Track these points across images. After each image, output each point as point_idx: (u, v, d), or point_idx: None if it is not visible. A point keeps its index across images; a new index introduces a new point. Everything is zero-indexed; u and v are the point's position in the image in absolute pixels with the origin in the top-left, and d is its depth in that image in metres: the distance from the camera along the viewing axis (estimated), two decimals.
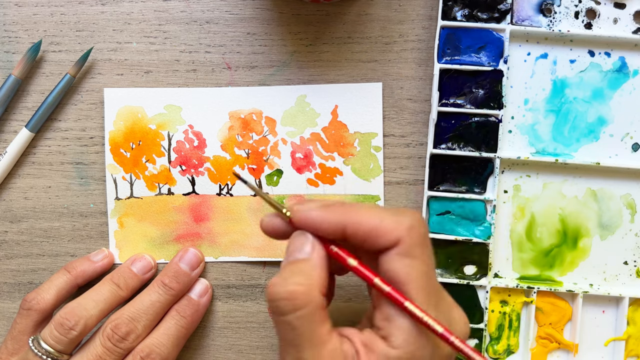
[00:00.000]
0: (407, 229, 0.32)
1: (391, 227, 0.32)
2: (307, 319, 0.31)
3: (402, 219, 0.32)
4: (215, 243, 0.45)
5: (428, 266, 0.32)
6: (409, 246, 0.32)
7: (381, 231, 0.32)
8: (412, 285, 0.32)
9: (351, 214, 0.33)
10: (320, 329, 0.31)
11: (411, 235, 0.32)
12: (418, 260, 0.32)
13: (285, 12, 0.44)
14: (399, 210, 0.33)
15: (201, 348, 0.45)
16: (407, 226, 0.32)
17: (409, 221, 0.32)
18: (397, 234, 0.32)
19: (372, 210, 0.33)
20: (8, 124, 0.45)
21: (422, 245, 0.32)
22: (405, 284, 0.32)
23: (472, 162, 0.43)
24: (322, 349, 0.31)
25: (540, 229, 0.43)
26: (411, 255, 0.32)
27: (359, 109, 0.44)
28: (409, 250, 0.32)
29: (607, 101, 0.43)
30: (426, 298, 0.32)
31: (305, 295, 0.31)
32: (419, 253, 0.32)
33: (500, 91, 0.42)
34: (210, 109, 0.44)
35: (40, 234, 0.45)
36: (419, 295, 0.32)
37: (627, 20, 0.42)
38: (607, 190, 0.43)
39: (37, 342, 0.39)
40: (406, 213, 0.33)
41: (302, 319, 0.31)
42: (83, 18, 0.44)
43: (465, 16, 0.42)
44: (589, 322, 0.44)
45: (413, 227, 0.32)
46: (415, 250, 0.32)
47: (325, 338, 0.31)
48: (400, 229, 0.32)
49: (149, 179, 0.44)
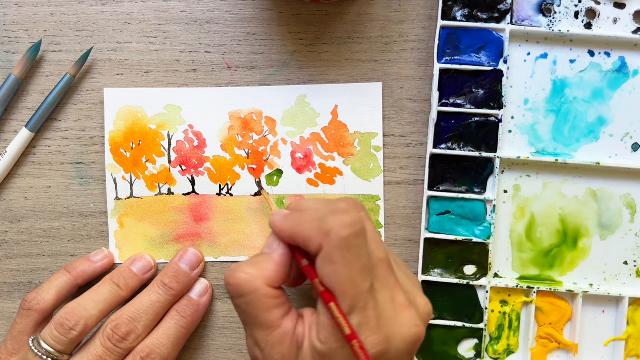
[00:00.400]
0: (325, 234, 0.32)
1: (314, 234, 0.33)
2: (252, 305, 0.34)
3: (323, 223, 0.32)
4: (215, 243, 0.45)
5: (352, 270, 0.32)
6: (327, 252, 0.32)
7: (308, 239, 0.33)
8: (336, 290, 0.32)
9: (298, 223, 0.34)
10: (268, 315, 0.34)
11: (329, 241, 0.32)
12: (338, 265, 0.32)
13: (285, 12, 0.44)
14: (333, 210, 0.33)
15: (201, 348, 0.45)
16: (325, 231, 0.32)
17: (330, 225, 0.32)
18: (318, 241, 0.32)
19: (310, 217, 0.34)
20: (8, 124, 0.45)
21: (343, 249, 0.32)
22: (331, 289, 0.32)
23: (472, 162, 0.43)
24: (272, 332, 0.34)
25: (540, 229, 0.44)
26: (331, 261, 0.32)
27: (359, 109, 0.44)
28: (329, 256, 0.32)
29: (607, 101, 0.43)
30: (351, 302, 0.32)
31: (248, 284, 0.34)
32: (338, 257, 0.32)
33: (500, 91, 0.42)
34: (210, 109, 0.44)
35: (40, 234, 0.45)
36: (343, 300, 0.32)
37: (627, 20, 0.42)
38: (607, 190, 0.43)
39: (37, 342, 0.39)
40: (332, 215, 0.33)
41: (248, 304, 0.34)
42: (83, 18, 0.44)
43: (465, 16, 0.42)
44: (589, 322, 0.44)
45: (331, 232, 0.32)
46: (335, 255, 0.32)
47: (275, 323, 0.34)
48: (321, 235, 0.32)
49: (149, 179, 0.44)
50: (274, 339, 0.34)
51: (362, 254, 0.32)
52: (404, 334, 0.33)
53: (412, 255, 0.44)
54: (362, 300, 0.32)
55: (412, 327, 0.33)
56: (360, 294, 0.32)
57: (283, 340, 0.34)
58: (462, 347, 0.43)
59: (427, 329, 0.43)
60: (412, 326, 0.33)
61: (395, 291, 0.34)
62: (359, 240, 0.32)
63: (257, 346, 0.34)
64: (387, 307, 0.33)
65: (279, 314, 0.34)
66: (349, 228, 0.32)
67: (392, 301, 0.34)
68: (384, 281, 0.34)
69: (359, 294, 0.32)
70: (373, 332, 0.32)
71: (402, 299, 0.34)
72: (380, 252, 0.34)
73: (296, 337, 0.34)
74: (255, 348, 0.34)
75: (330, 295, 0.32)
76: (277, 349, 0.33)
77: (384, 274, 0.34)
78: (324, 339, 0.32)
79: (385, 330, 0.32)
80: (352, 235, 0.32)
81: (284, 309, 0.34)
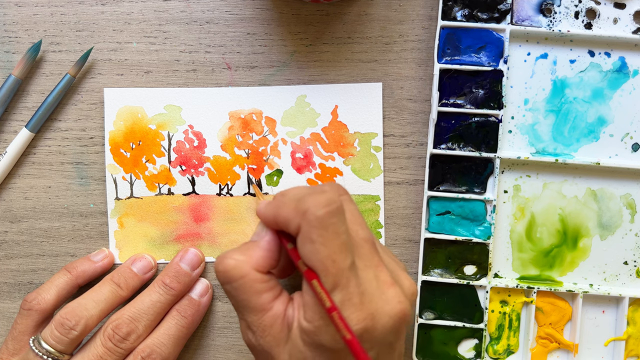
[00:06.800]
0: (302, 214, 0.33)
1: (292, 215, 0.34)
2: (242, 290, 0.35)
3: (301, 204, 0.33)
4: (215, 243, 0.45)
5: (330, 248, 0.32)
6: (305, 231, 0.33)
7: (287, 220, 0.34)
8: (317, 268, 0.33)
9: (279, 206, 0.35)
10: (258, 299, 0.34)
11: (307, 220, 0.33)
12: (317, 244, 0.32)
13: (285, 12, 0.44)
14: (311, 191, 0.34)
15: (201, 348, 0.45)
16: (302, 211, 0.33)
17: (306, 205, 0.33)
18: (297, 221, 0.33)
19: (289, 199, 0.34)
20: (8, 124, 0.45)
21: (320, 227, 0.32)
22: (313, 268, 0.33)
23: (472, 162, 0.43)
24: (263, 315, 0.34)
25: (540, 229, 0.44)
26: (310, 240, 0.33)
27: (359, 109, 0.44)
28: (307, 236, 0.33)
29: (607, 101, 0.43)
30: (333, 279, 0.32)
31: (237, 270, 0.35)
32: (316, 236, 0.32)
33: (500, 91, 0.42)
34: (210, 109, 0.44)
35: (40, 234, 0.45)
36: (325, 278, 0.32)
37: (627, 20, 0.42)
38: (607, 190, 0.43)
39: (37, 342, 0.39)
40: (309, 196, 0.33)
41: (237, 289, 0.35)
42: (83, 18, 0.44)
43: (465, 16, 0.42)
44: (589, 322, 0.44)
45: (308, 211, 0.33)
46: (313, 234, 0.32)
47: (266, 306, 0.34)
48: (298, 215, 0.33)
49: (149, 179, 0.44)
50: (265, 321, 0.34)
51: (340, 232, 0.33)
52: (389, 311, 0.33)
53: (412, 255, 0.44)
54: (343, 277, 0.32)
55: (396, 303, 0.34)
56: (341, 270, 0.32)
57: (274, 322, 0.34)
58: (462, 347, 0.43)
59: (427, 328, 0.43)
60: (396, 302, 0.34)
61: (379, 269, 0.34)
62: (335, 219, 0.33)
63: (250, 329, 0.35)
64: (371, 284, 0.34)
65: (269, 297, 0.35)
66: (325, 207, 0.33)
67: (376, 279, 0.34)
68: (367, 260, 0.34)
69: (340, 271, 0.32)
70: (357, 308, 0.32)
71: (386, 277, 0.34)
72: (362, 232, 0.35)
73: (287, 319, 0.35)
74: (248, 331, 0.35)
75: (312, 274, 0.33)
76: (269, 331, 0.34)
77: (366, 253, 0.34)
78: (309, 318, 0.33)
79: (369, 307, 0.33)
80: (328, 213, 0.33)
81: (273, 293, 0.35)
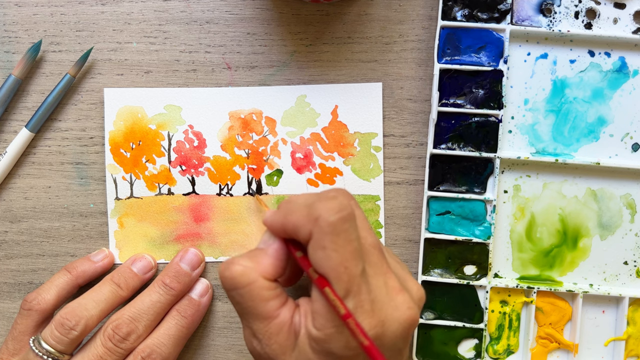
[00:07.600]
0: (314, 220, 0.33)
1: (303, 222, 0.33)
2: (249, 297, 0.34)
3: (312, 211, 0.33)
4: (215, 243, 0.45)
5: (342, 254, 0.32)
6: (317, 238, 0.33)
7: (297, 227, 0.34)
8: (329, 275, 0.32)
9: (288, 213, 0.34)
10: (264, 306, 0.34)
11: (319, 227, 0.32)
12: (329, 250, 0.32)
13: (285, 12, 0.44)
14: (321, 197, 0.34)
15: (201, 348, 0.45)
16: (314, 218, 0.33)
17: (318, 212, 0.33)
18: (308, 228, 0.33)
19: (298, 206, 0.34)
20: (8, 124, 0.45)
21: (332, 234, 0.32)
22: (325, 275, 0.33)
23: (472, 162, 0.43)
24: (269, 323, 0.34)
25: (540, 229, 0.44)
26: (322, 247, 0.33)
27: (359, 109, 0.44)
28: (319, 242, 0.33)
29: (607, 101, 0.43)
30: (345, 286, 0.32)
31: (244, 277, 0.34)
32: (328, 242, 0.32)
33: (500, 91, 0.42)
34: (210, 109, 0.44)
35: (40, 234, 0.45)
36: (337, 285, 0.32)
37: (627, 20, 0.42)
38: (607, 190, 0.43)
39: (37, 342, 0.39)
40: (320, 202, 0.33)
41: (243, 296, 0.34)
42: (83, 18, 0.44)
43: (465, 16, 0.42)
44: (588, 322, 0.44)
45: (320, 218, 0.32)
46: (325, 241, 0.32)
47: (272, 314, 0.34)
48: (310, 222, 0.33)
49: (149, 179, 0.44)
50: (271, 329, 0.34)
51: (352, 238, 0.33)
52: (398, 317, 0.33)
53: (412, 255, 0.44)
54: (355, 284, 0.32)
55: (405, 309, 0.34)
56: (353, 277, 0.32)
57: (280, 330, 0.34)
58: (462, 347, 0.43)
59: (427, 328, 0.43)
60: (405, 309, 0.34)
61: (388, 276, 0.34)
62: (348, 225, 0.33)
63: (255, 337, 0.35)
64: (381, 291, 0.34)
65: (275, 304, 0.34)
66: (337, 213, 0.33)
67: (385, 285, 0.34)
68: (376, 267, 0.34)
69: (352, 278, 0.32)
70: (368, 315, 0.32)
71: (394, 283, 0.34)
72: (371, 238, 0.34)
73: (293, 327, 0.34)
74: (253, 339, 0.35)
75: (324, 281, 0.33)
76: (275, 339, 0.34)
77: (376, 260, 0.34)
78: (320, 326, 0.33)
79: (379, 314, 0.33)
80: (341, 219, 0.33)
81: (280, 300, 0.35)
